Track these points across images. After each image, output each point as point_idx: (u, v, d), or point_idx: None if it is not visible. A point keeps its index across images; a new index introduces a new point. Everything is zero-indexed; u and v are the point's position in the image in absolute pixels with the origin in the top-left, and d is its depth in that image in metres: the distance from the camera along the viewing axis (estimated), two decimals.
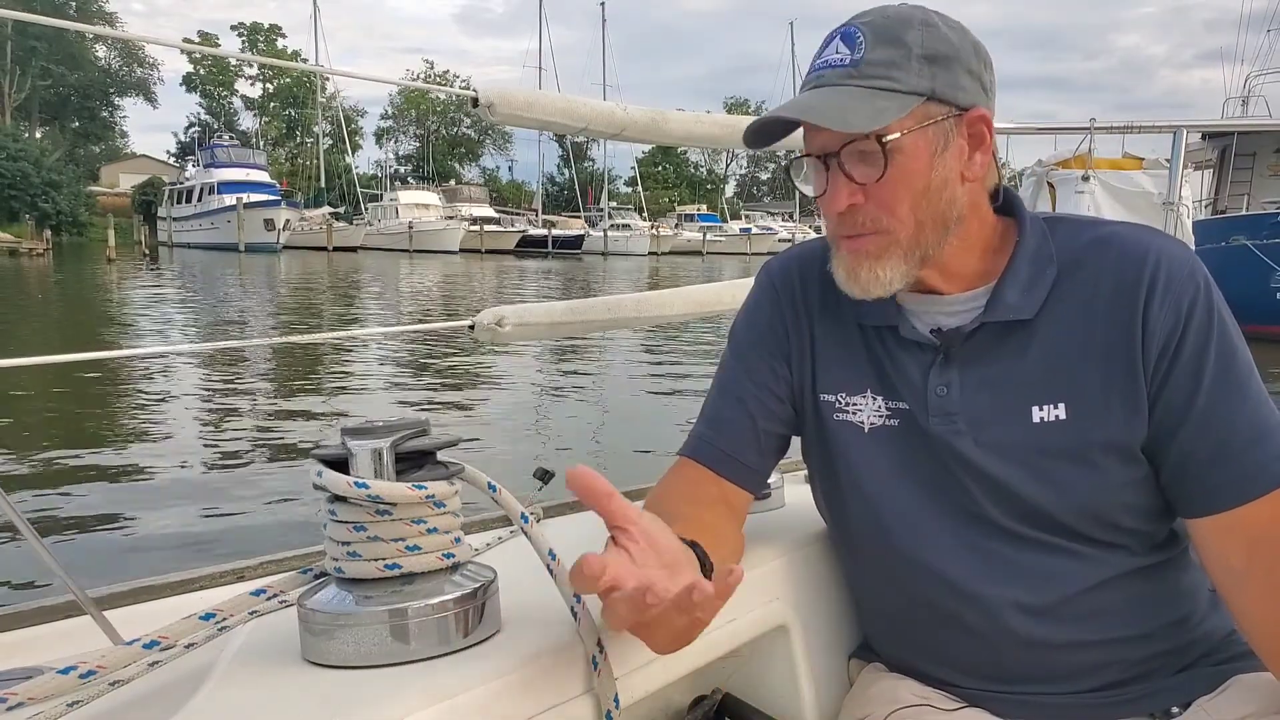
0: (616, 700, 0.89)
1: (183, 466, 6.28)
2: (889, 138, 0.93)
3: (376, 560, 0.81)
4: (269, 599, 0.85)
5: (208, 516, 5.27)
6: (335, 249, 47.73)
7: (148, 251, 42.88)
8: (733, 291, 1.75)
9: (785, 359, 1.12)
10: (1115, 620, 1.00)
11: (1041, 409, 0.98)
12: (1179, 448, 0.96)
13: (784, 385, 1.12)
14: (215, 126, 76.01)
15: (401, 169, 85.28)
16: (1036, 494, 0.98)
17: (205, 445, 6.94)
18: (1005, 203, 1.06)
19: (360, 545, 0.81)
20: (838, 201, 0.96)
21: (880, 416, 1.06)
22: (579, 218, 65.51)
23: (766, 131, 1.01)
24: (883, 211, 0.96)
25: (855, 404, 1.07)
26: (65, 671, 0.72)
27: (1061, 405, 0.98)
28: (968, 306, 1.03)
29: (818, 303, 1.12)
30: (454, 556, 0.85)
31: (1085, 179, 4.56)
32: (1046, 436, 0.98)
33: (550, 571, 0.89)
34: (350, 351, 11.40)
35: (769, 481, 1.35)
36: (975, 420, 1.00)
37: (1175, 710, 1.01)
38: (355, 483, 0.80)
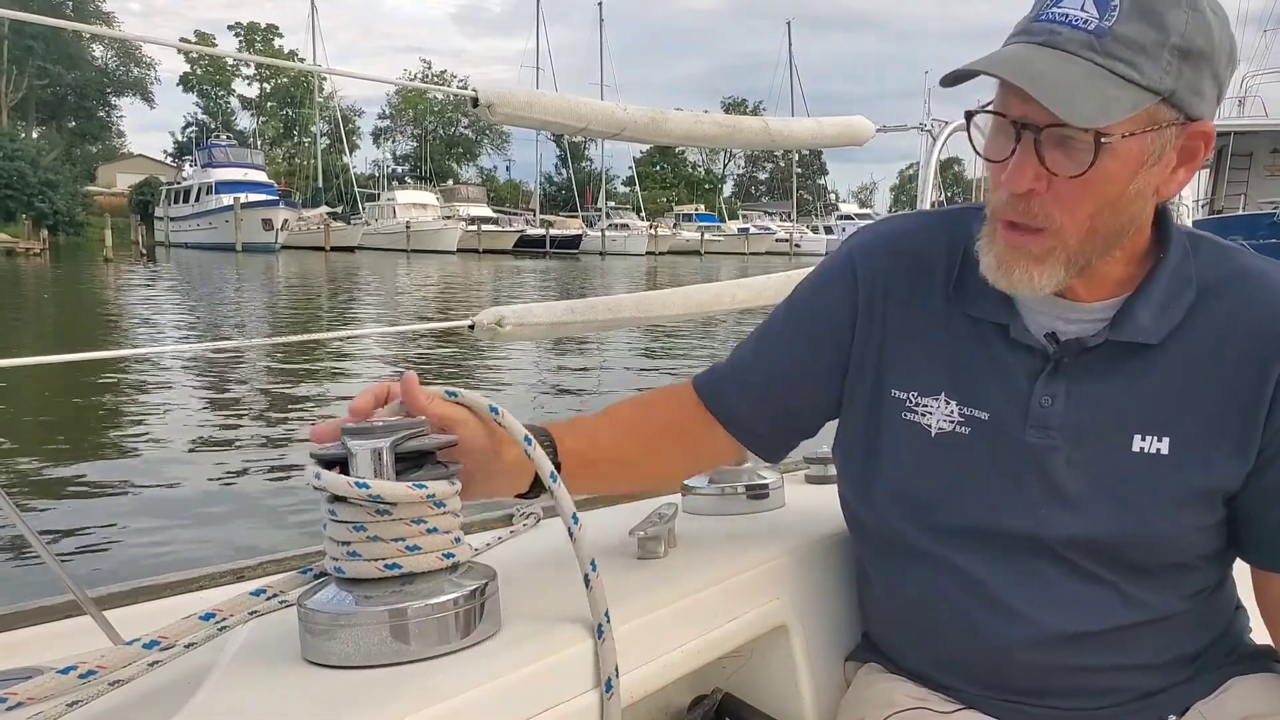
0: (617, 670, 0.89)
1: (182, 466, 6.28)
2: (1108, 139, 0.82)
3: (376, 560, 0.81)
4: (269, 599, 0.85)
5: (207, 516, 5.26)
6: (333, 249, 47.63)
7: (145, 251, 42.81)
8: (733, 291, 1.74)
9: (841, 348, 1.06)
10: (1134, 654, 0.98)
11: (1144, 439, 0.93)
12: (1269, 507, 0.93)
13: (823, 371, 1.06)
14: (212, 126, 75.96)
15: (399, 169, 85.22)
16: (1109, 523, 0.94)
17: (205, 445, 6.94)
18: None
19: (360, 545, 0.81)
20: (1020, 181, 0.85)
21: (950, 422, 0.99)
22: (577, 217, 65.49)
23: (963, 71, 0.87)
24: (1059, 210, 0.86)
25: (926, 405, 1.00)
26: (65, 671, 0.72)
27: (1166, 439, 0.93)
28: (1092, 317, 0.96)
29: (905, 290, 1.03)
30: (454, 556, 0.85)
31: None
32: (1141, 468, 0.93)
33: (570, 534, 0.88)
34: (349, 351, 11.38)
35: (768, 482, 1.35)
36: (1073, 438, 0.95)
37: (1172, 718, 1.01)
38: (355, 483, 0.80)
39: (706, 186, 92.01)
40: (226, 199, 48.60)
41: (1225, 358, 0.92)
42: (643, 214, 67.92)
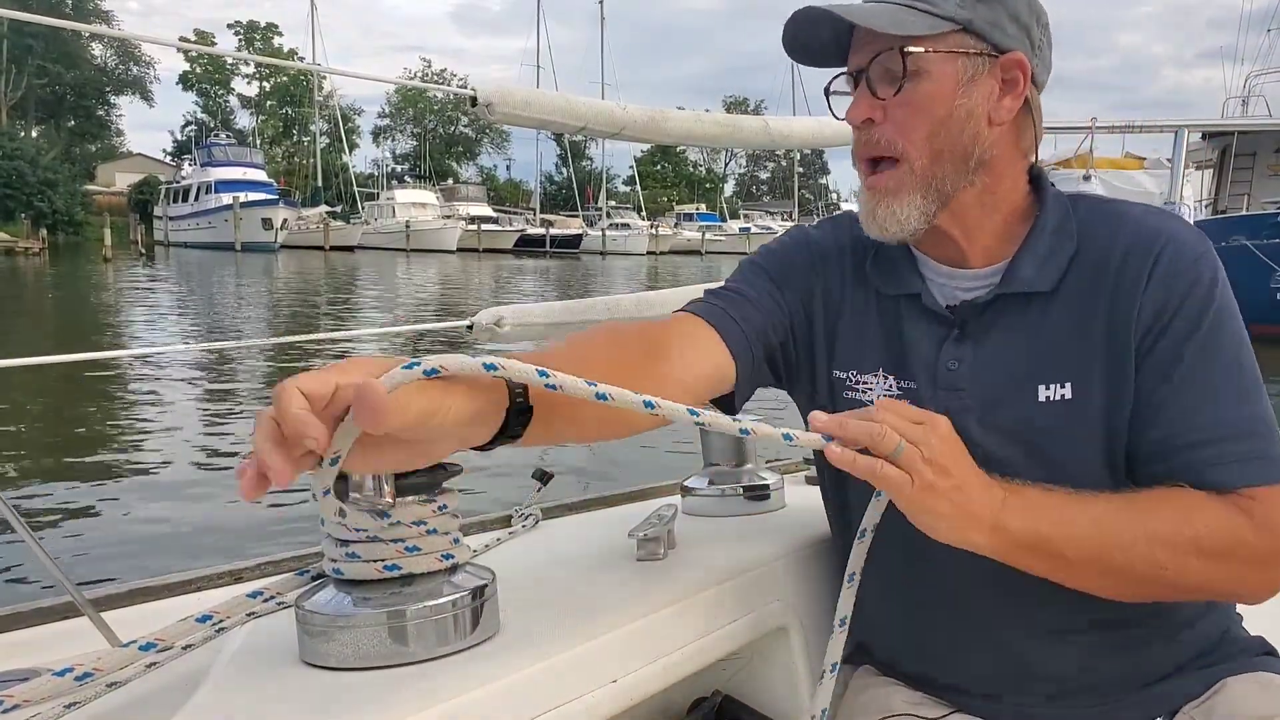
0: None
1: (180, 467, 6.27)
2: (911, 50, 0.94)
3: (376, 561, 0.81)
4: (266, 600, 0.85)
5: (205, 517, 5.25)
6: (332, 248, 47.63)
7: (144, 250, 42.84)
8: None
9: (797, 305, 1.09)
10: (1110, 630, 0.99)
11: (1048, 388, 0.96)
12: (1141, 424, 0.94)
13: (785, 315, 1.08)
14: (212, 125, 75.83)
15: (399, 168, 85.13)
16: (1029, 478, 0.94)
17: (203, 446, 6.93)
18: (1032, 179, 1.05)
19: (359, 546, 0.81)
20: (858, 112, 0.98)
21: (889, 396, 1.03)
22: (577, 217, 65.47)
23: (806, 45, 1.01)
24: (898, 134, 0.96)
25: (866, 382, 1.05)
26: (61, 674, 0.72)
27: (1068, 385, 0.96)
28: (984, 281, 1.02)
29: (841, 280, 1.10)
30: (453, 558, 0.85)
31: (1086, 179, 4.57)
32: (1048, 417, 0.96)
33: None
34: (348, 351, 11.38)
35: (768, 482, 1.35)
36: (983, 398, 0.98)
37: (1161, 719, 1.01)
38: (354, 483, 0.80)
39: (708, 186, 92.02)
40: (226, 198, 48.54)
41: (1103, 296, 0.96)
42: (643, 213, 67.89)
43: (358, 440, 0.65)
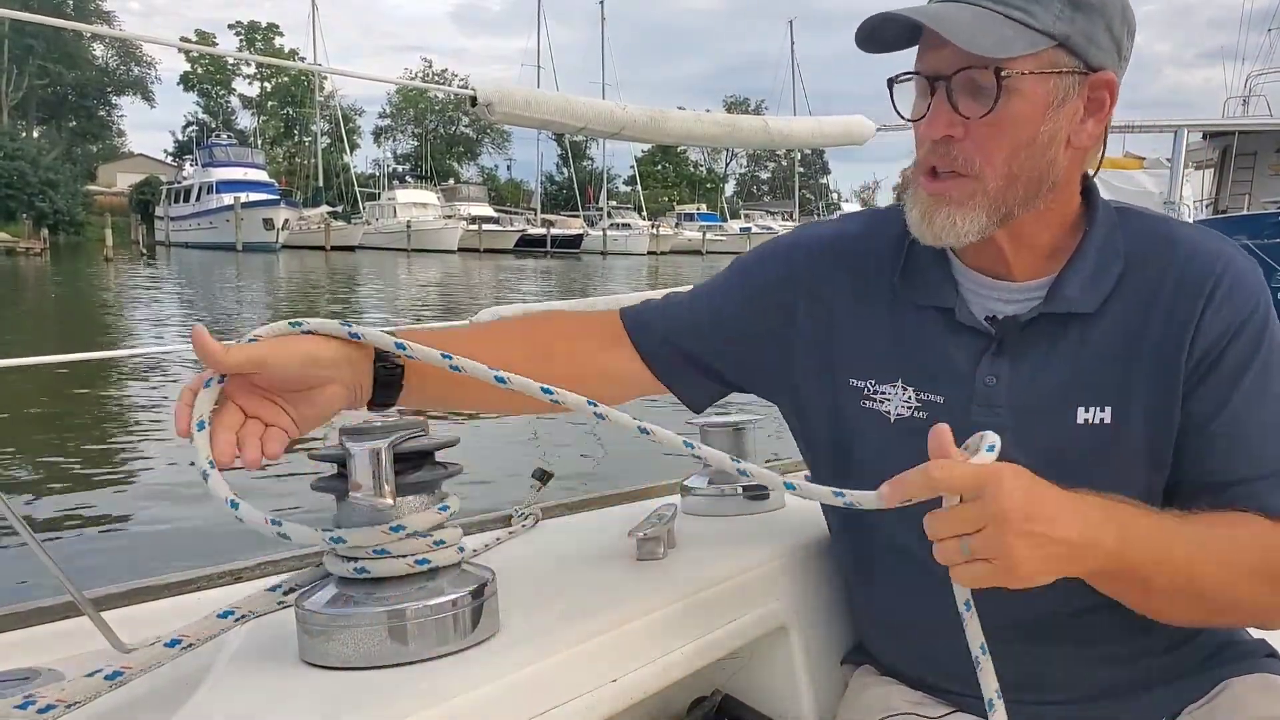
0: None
1: (181, 467, 6.27)
2: (1008, 73, 0.87)
3: (407, 556, 0.81)
4: (238, 619, 0.84)
5: (206, 517, 5.25)
6: (333, 248, 47.60)
7: (145, 251, 42.90)
8: None
9: (780, 322, 1.07)
10: (1114, 638, 0.99)
11: (1087, 411, 0.94)
12: (1195, 453, 0.93)
13: (756, 333, 1.08)
14: (213, 125, 75.78)
15: (400, 168, 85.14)
16: None
17: None
18: (1083, 189, 1.01)
19: (392, 543, 0.81)
20: (935, 128, 0.91)
21: (908, 408, 1.00)
22: (578, 217, 65.44)
23: (880, 36, 0.93)
24: (978, 153, 0.91)
25: (884, 392, 1.02)
26: (23, 707, 0.71)
27: (1108, 409, 0.94)
28: (1028, 295, 0.98)
29: (851, 287, 1.06)
30: (463, 551, 0.85)
31: None
32: (1086, 440, 0.94)
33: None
34: None
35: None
36: (1019, 416, 0.96)
37: None
38: (357, 484, 0.80)
39: (708, 186, 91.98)
40: (227, 198, 48.52)
41: (1153, 322, 0.94)
42: (644, 213, 67.86)
43: (262, 397, 0.82)
